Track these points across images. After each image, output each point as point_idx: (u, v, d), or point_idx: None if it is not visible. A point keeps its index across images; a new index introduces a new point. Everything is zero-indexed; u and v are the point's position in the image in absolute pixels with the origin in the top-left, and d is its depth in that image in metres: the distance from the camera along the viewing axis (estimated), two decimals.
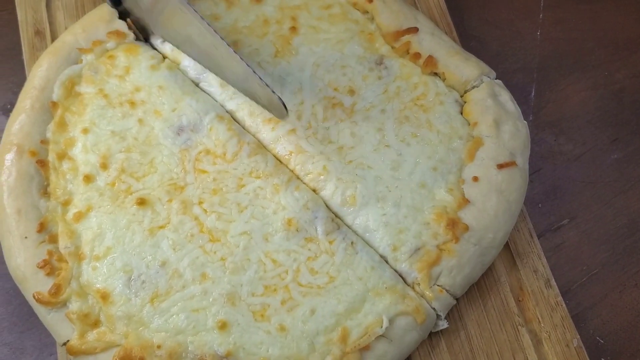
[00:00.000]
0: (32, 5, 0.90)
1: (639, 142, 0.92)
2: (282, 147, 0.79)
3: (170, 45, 0.84)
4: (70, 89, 0.80)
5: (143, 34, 0.85)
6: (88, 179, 0.75)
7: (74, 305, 0.70)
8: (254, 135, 0.80)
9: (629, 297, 0.83)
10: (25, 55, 0.87)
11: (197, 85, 0.83)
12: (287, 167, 0.78)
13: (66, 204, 0.75)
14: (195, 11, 0.72)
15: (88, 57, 0.82)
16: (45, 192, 0.75)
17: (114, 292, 0.70)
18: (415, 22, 0.85)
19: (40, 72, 0.80)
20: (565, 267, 0.84)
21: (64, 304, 0.70)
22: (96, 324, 0.69)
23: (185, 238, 0.73)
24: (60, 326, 0.70)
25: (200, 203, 0.75)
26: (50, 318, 0.70)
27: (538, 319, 0.77)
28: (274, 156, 0.79)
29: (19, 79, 0.88)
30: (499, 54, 0.96)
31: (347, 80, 0.83)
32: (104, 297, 0.70)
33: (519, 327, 0.77)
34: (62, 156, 0.77)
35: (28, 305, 0.73)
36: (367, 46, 0.85)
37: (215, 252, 0.73)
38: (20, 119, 0.78)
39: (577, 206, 0.87)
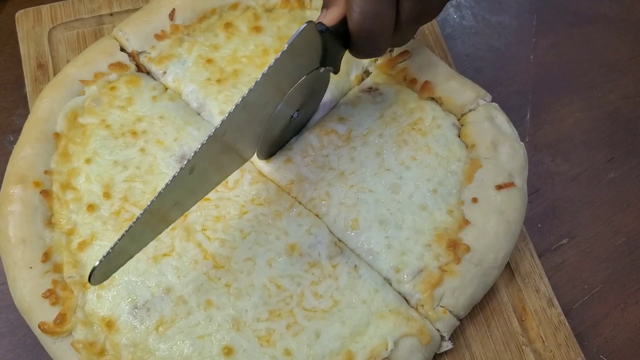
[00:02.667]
0: (35, 39, 0.91)
1: (635, 161, 0.94)
2: (282, 176, 0.80)
3: (172, 76, 0.85)
4: (73, 120, 0.81)
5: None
6: (92, 208, 0.76)
7: (80, 334, 0.70)
8: (254, 164, 0.81)
9: (631, 315, 0.83)
10: (28, 88, 0.89)
11: (198, 114, 0.84)
12: (289, 194, 0.79)
13: (70, 233, 0.75)
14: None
15: (90, 89, 0.83)
16: (49, 222, 0.76)
17: (119, 320, 0.70)
18: (410, 49, 0.87)
19: (43, 104, 0.81)
20: (566, 286, 0.84)
21: (70, 333, 0.70)
22: (102, 352, 0.69)
23: (190, 265, 0.73)
24: (66, 356, 0.70)
25: (203, 230, 0.75)
26: (55, 348, 0.70)
27: (542, 338, 0.77)
28: (275, 184, 0.80)
29: (23, 112, 0.89)
30: (493, 78, 0.98)
31: (337, 110, 0.85)
32: (109, 325, 0.70)
33: (523, 347, 0.77)
34: (65, 186, 0.77)
35: (32, 336, 0.73)
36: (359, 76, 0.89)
37: (219, 279, 0.73)
38: (24, 150, 0.79)
39: (576, 225, 0.88)
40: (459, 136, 0.83)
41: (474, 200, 0.77)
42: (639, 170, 0.93)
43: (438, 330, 0.73)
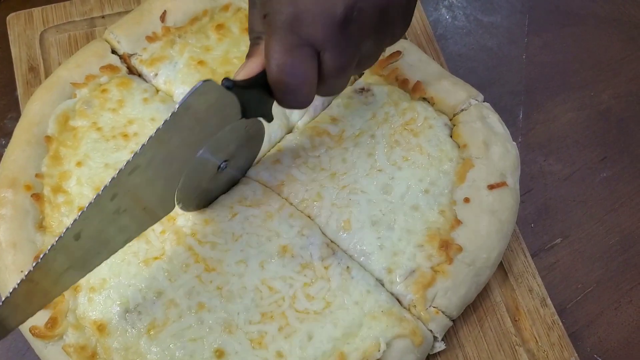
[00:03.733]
0: (26, 42, 0.91)
1: (628, 160, 0.94)
2: (272, 176, 0.80)
3: (163, 78, 0.85)
4: (65, 123, 0.81)
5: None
6: None
7: (71, 338, 0.69)
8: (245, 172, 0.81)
9: (624, 314, 0.83)
10: (20, 91, 0.88)
11: None
12: (279, 195, 0.79)
13: None
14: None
15: (82, 92, 0.83)
16: (40, 225, 0.75)
17: (110, 324, 0.70)
18: (402, 49, 0.87)
19: (35, 107, 0.81)
20: (560, 285, 0.84)
21: (61, 337, 0.70)
22: (93, 356, 0.69)
23: (181, 268, 0.73)
24: (58, 359, 0.69)
25: (192, 234, 0.75)
26: (47, 352, 0.70)
27: (535, 338, 0.77)
28: (262, 184, 0.80)
29: (14, 115, 0.89)
30: (486, 78, 0.98)
31: (329, 110, 0.85)
32: (101, 328, 0.69)
33: (517, 347, 0.77)
34: (57, 189, 0.77)
35: (23, 340, 0.72)
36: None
37: (211, 282, 0.72)
38: (15, 153, 0.78)
39: (569, 225, 0.88)
40: (451, 136, 0.83)
41: (466, 200, 0.77)
42: (632, 169, 0.93)
43: (431, 331, 0.73)
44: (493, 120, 0.83)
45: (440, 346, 0.74)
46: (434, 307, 0.73)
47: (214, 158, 0.70)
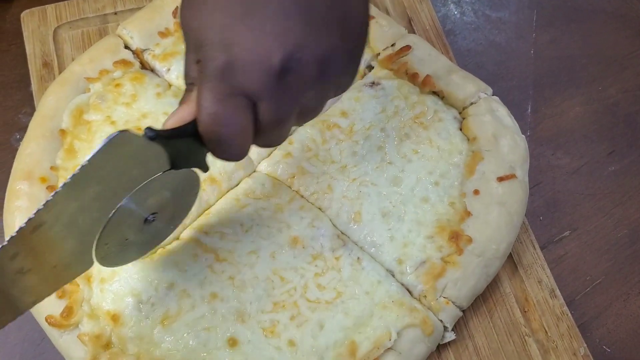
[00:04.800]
0: (40, 38, 0.92)
1: (636, 154, 0.94)
2: (283, 170, 0.81)
3: (176, 73, 0.86)
4: (79, 117, 0.82)
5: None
6: None
7: (86, 327, 0.70)
8: (256, 165, 0.83)
9: (633, 306, 0.84)
10: (34, 86, 0.90)
11: None
12: (290, 188, 0.80)
13: None
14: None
15: (95, 86, 0.84)
16: None
17: (124, 314, 0.71)
18: (412, 44, 0.88)
19: (49, 102, 0.82)
20: (568, 277, 0.85)
21: (76, 325, 0.71)
22: (108, 345, 0.70)
23: (191, 259, 0.74)
24: (73, 349, 0.70)
25: (199, 228, 0.76)
26: (62, 341, 0.71)
27: (544, 329, 0.78)
28: (273, 178, 0.81)
29: (29, 110, 0.90)
30: (494, 72, 0.99)
31: (339, 104, 0.85)
32: (115, 318, 0.70)
33: (526, 337, 0.77)
34: None
35: (39, 330, 0.73)
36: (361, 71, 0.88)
37: (223, 272, 0.74)
38: (30, 147, 0.80)
39: (577, 218, 0.89)
40: (461, 129, 0.83)
41: (476, 192, 0.78)
42: (639, 163, 0.94)
43: (441, 321, 0.74)
44: (502, 114, 0.83)
45: (450, 336, 0.75)
46: (444, 297, 0.74)
47: (139, 210, 0.63)
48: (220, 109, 0.54)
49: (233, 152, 0.58)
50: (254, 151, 0.82)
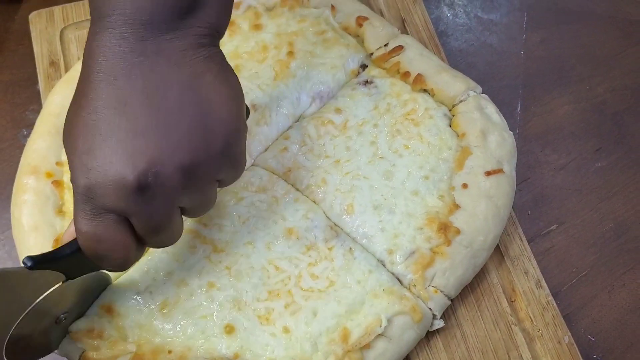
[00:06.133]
0: (47, 38, 0.96)
1: (622, 151, 0.97)
2: (280, 164, 0.84)
3: None
4: None
5: None
6: None
7: (79, 324, 0.71)
8: (253, 159, 0.85)
9: (617, 297, 0.86)
10: (41, 85, 0.93)
11: None
12: (285, 181, 0.83)
13: None
14: None
15: None
16: (60, 210, 0.79)
17: (121, 305, 0.73)
18: (404, 44, 0.91)
19: (55, 100, 0.85)
20: (555, 270, 0.87)
21: None
22: (100, 335, 0.71)
23: (189, 250, 0.77)
24: (70, 348, 0.71)
25: (198, 220, 0.79)
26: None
27: (530, 318, 0.81)
28: (270, 172, 0.84)
29: (36, 107, 0.94)
30: (485, 72, 1.02)
31: (334, 101, 0.89)
32: (109, 310, 0.73)
33: (512, 326, 0.80)
34: None
35: None
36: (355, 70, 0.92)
37: (220, 262, 0.76)
38: (37, 143, 0.83)
39: (564, 212, 0.92)
40: (450, 126, 0.86)
41: (464, 185, 0.81)
42: (626, 159, 0.96)
43: (430, 309, 0.76)
44: (490, 111, 0.86)
45: (439, 324, 0.77)
46: (432, 286, 0.77)
47: (45, 317, 0.65)
48: (91, 228, 0.56)
49: (116, 264, 0.61)
50: (251, 146, 0.85)
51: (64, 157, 0.82)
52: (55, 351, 0.73)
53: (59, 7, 0.98)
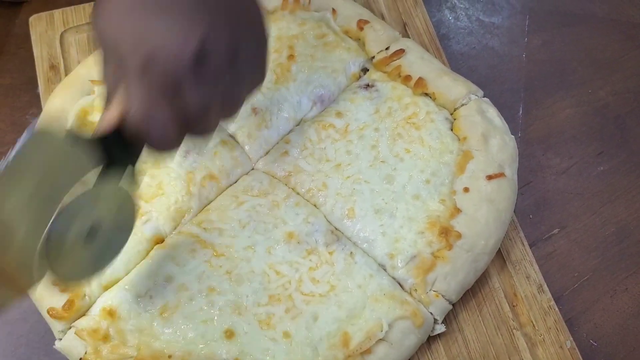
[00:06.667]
0: (47, 42, 0.96)
1: (624, 155, 0.96)
2: (280, 167, 0.84)
3: None
4: (84, 118, 0.85)
5: None
6: None
7: (82, 323, 0.72)
8: (254, 163, 0.85)
9: (620, 301, 0.86)
10: (41, 88, 0.93)
11: None
12: (286, 185, 0.83)
13: None
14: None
15: (100, 89, 0.87)
16: None
17: (121, 308, 0.73)
18: (405, 48, 0.91)
19: (55, 103, 0.85)
20: (557, 274, 0.87)
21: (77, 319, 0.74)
22: (106, 337, 0.72)
23: (189, 254, 0.77)
24: (73, 344, 0.73)
25: (198, 223, 0.79)
26: (63, 340, 0.74)
27: (532, 322, 0.80)
28: (271, 176, 0.83)
29: (36, 111, 0.93)
30: (487, 76, 1.02)
31: (335, 105, 0.89)
32: (111, 314, 0.73)
33: (514, 330, 0.80)
34: None
35: (44, 322, 0.76)
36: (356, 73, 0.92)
37: (220, 266, 0.76)
38: None
39: (566, 216, 0.91)
40: (452, 129, 0.86)
41: (466, 189, 0.81)
42: (628, 163, 0.96)
43: (431, 313, 0.76)
44: (492, 114, 0.86)
45: (440, 328, 0.77)
46: (434, 291, 0.76)
47: (77, 221, 0.58)
48: (144, 103, 0.57)
49: (164, 143, 0.61)
50: (252, 150, 0.85)
51: None
52: (56, 348, 0.74)
53: (59, 11, 0.98)
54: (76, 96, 0.86)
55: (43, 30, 0.97)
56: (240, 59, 0.60)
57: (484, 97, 0.89)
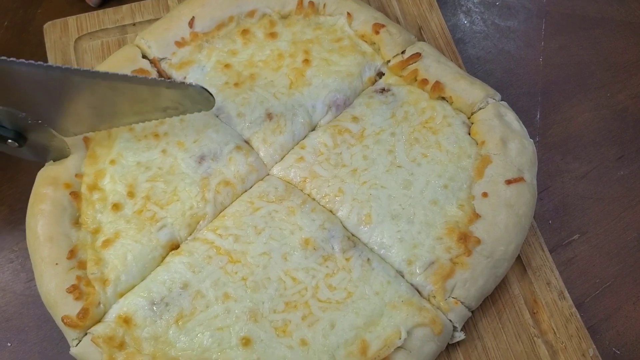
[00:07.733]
0: (61, 48, 0.96)
1: None
2: (295, 173, 0.83)
3: (192, 80, 0.88)
4: None
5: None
6: (116, 207, 0.79)
7: (98, 330, 0.72)
8: (269, 169, 0.85)
9: None
10: None
11: (217, 117, 0.87)
12: (302, 191, 0.82)
13: (95, 232, 0.78)
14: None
15: None
16: (76, 222, 0.79)
17: (137, 316, 0.73)
18: (421, 51, 0.90)
19: None
20: (578, 280, 0.86)
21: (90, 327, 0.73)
22: (122, 345, 0.71)
23: (205, 260, 0.76)
24: (89, 350, 0.72)
25: (214, 230, 0.78)
26: (78, 347, 0.73)
27: (553, 330, 0.79)
28: (286, 182, 0.83)
29: None
30: (504, 80, 1.01)
31: (350, 109, 0.88)
32: (127, 321, 0.72)
33: (535, 338, 0.78)
34: (92, 187, 0.80)
35: (58, 330, 0.75)
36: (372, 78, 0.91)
37: (236, 273, 0.75)
38: None
39: (587, 221, 0.90)
40: (469, 134, 0.85)
41: (484, 194, 0.79)
42: None
43: (450, 320, 0.75)
44: (510, 118, 0.85)
45: (459, 336, 0.76)
46: (453, 297, 0.75)
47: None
48: None
49: None
50: (267, 155, 0.84)
51: (83, 169, 0.81)
52: (72, 354, 0.73)
53: (73, 17, 0.98)
54: None
55: (57, 37, 0.97)
56: None
57: (501, 100, 0.87)
